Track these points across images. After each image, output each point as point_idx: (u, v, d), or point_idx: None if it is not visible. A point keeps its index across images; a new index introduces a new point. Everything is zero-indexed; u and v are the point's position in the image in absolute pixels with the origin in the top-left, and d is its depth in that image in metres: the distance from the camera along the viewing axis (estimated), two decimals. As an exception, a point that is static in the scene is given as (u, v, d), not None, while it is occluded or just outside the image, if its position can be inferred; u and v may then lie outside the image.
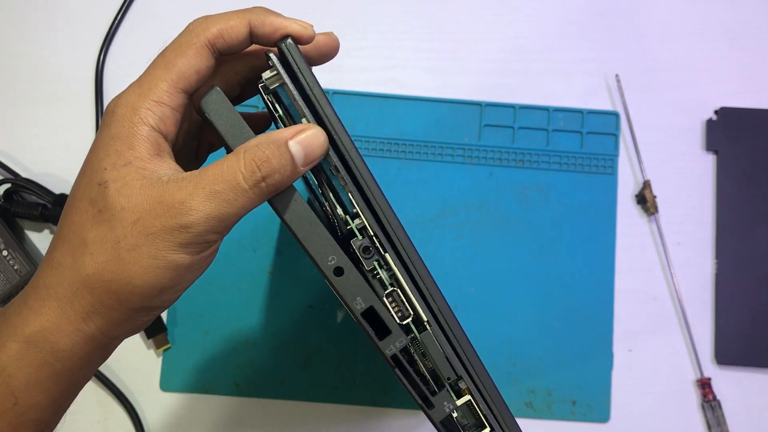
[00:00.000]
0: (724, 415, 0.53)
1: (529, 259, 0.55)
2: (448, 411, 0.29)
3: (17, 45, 0.58)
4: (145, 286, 0.26)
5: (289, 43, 0.28)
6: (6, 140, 0.56)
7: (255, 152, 0.27)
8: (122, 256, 0.26)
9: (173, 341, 0.53)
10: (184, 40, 0.28)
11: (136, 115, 0.27)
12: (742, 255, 0.55)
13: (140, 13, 0.59)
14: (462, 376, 0.30)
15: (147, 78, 0.28)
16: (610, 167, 0.56)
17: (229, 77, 0.31)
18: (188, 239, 0.26)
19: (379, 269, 0.29)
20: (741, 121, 0.57)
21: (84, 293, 0.26)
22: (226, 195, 0.26)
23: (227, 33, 0.28)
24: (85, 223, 0.27)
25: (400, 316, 0.29)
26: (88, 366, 0.28)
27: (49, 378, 0.27)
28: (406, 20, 0.59)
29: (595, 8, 0.60)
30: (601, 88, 0.58)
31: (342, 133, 0.29)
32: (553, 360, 0.54)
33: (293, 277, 0.54)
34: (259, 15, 0.28)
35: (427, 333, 0.29)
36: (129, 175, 0.26)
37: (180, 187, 0.26)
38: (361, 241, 0.29)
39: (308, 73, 0.28)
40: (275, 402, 0.53)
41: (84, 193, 0.27)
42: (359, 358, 0.54)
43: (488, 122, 0.57)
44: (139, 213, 0.26)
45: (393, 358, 0.28)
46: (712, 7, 0.60)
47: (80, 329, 0.26)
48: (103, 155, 0.27)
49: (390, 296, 0.29)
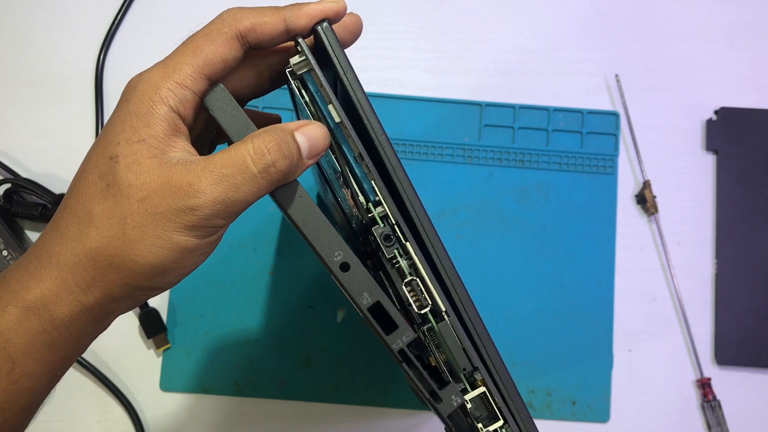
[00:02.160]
0: (724, 415, 0.53)
1: (529, 259, 0.55)
2: (456, 405, 0.29)
3: (17, 45, 0.58)
4: (147, 264, 0.26)
5: (325, 26, 0.28)
6: (6, 140, 0.56)
7: (264, 137, 0.27)
8: (128, 233, 0.26)
9: (173, 341, 0.53)
10: (215, 28, 0.28)
11: (156, 93, 0.27)
12: (742, 255, 0.55)
13: (140, 13, 0.59)
14: (478, 367, 0.29)
15: (173, 59, 0.28)
16: (610, 167, 0.56)
17: (261, 70, 0.31)
18: (194, 222, 0.26)
19: (399, 258, 0.29)
20: (741, 121, 0.57)
21: (86, 265, 0.26)
22: (234, 179, 0.26)
23: (260, 28, 0.28)
24: (92, 195, 0.27)
25: (418, 305, 0.29)
26: (83, 337, 0.28)
27: (46, 346, 0.27)
28: (406, 20, 0.59)
29: (595, 8, 0.60)
30: (601, 88, 0.58)
31: (373, 118, 0.29)
32: (553, 360, 0.54)
33: (293, 277, 0.54)
34: (293, 10, 0.29)
35: (444, 323, 0.29)
36: (140, 152, 0.26)
37: (188, 170, 0.26)
38: (382, 228, 0.29)
39: (342, 56, 0.28)
40: (275, 402, 0.53)
41: (94, 165, 0.27)
42: (359, 358, 0.54)
43: (488, 122, 0.57)
44: (147, 192, 0.26)
45: (400, 352, 0.28)
46: (712, 7, 0.60)
47: (79, 300, 0.27)
48: (118, 129, 0.27)
49: (409, 285, 0.29)
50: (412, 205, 0.29)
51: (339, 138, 0.29)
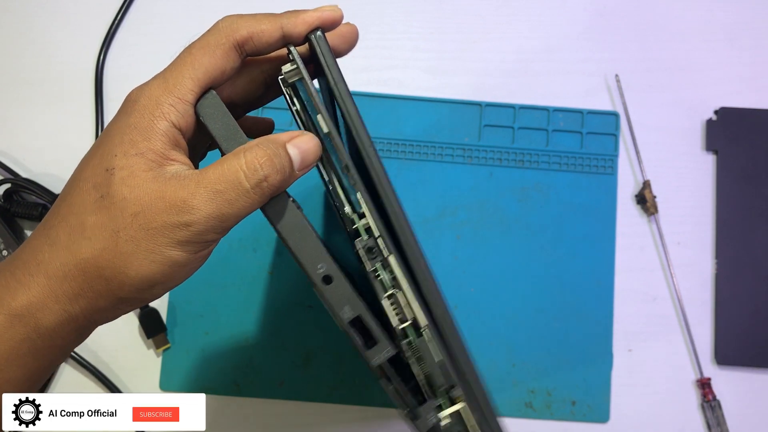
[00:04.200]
0: (723, 415, 0.53)
1: (529, 259, 0.55)
2: (432, 423, 0.29)
3: (17, 45, 0.58)
4: (137, 277, 0.26)
5: (318, 35, 0.28)
6: (6, 140, 0.56)
7: (256, 152, 0.27)
8: (120, 246, 0.26)
9: (173, 341, 0.53)
10: (212, 40, 0.28)
11: (158, 108, 0.27)
12: (742, 255, 0.55)
13: (140, 13, 0.59)
14: (455, 384, 0.29)
15: (172, 73, 0.28)
16: (610, 167, 0.56)
17: (255, 76, 0.31)
18: (187, 237, 0.26)
19: (381, 271, 0.29)
20: (741, 121, 0.57)
21: (75, 275, 0.26)
22: (228, 195, 0.26)
23: (257, 36, 0.28)
24: (86, 206, 0.27)
25: (400, 318, 0.29)
26: (66, 346, 0.28)
27: (29, 353, 0.27)
28: (406, 20, 0.59)
29: (595, 8, 0.60)
30: (601, 88, 0.58)
31: (361, 129, 0.29)
32: (553, 360, 0.54)
33: (293, 277, 0.54)
34: (290, 18, 0.29)
35: (422, 339, 0.29)
36: (137, 165, 0.26)
37: (182, 185, 0.26)
38: (365, 241, 0.29)
39: (334, 65, 0.28)
40: (275, 402, 0.53)
41: (90, 175, 0.27)
42: (359, 358, 0.54)
43: (488, 122, 0.57)
44: (141, 206, 0.26)
45: (379, 368, 0.28)
46: (712, 7, 0.60)
47: (66, 310, 0.26)
48: (117, 142, 0.27)
49: (391, 298, 0.29)
50: (396, 217, 0.29)
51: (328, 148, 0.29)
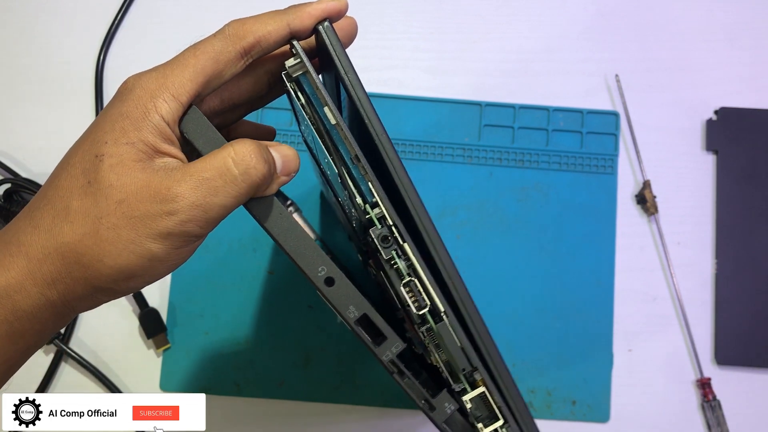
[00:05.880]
0: (724, 415, 0.53)
1: (529, 259, 0.55)
2: (449, 412, 0.29)
3: (17, 45, 0.58)
4: (115, 267, 0.26)
5: (326, 26, 0.28)
6: (6, 140, 0.56)
7: (244, 143, 0.27)
8: (101, 233, 0.26)
9: (173, 341, 0.53)
10: (219, 46, 0.28)
11: (152, 102, 0.27)
12: (742, 255, 0.55)
13: (140, 12, 0.59)
14: (477, 367, 0.29)
15: (173, 71, 0.27)
16: (610, 167, 0.56)
17: (260, 76, 0.31)
18: (169, 228, 0.26)
19: (396, 259, 0.29)
20: (741, 121, 0.57)
21: (55, 259, 0.26)
22: (215, 182, 0.26)
23: (265, 40, 0.28)
24: (72, 190, 0.26)
25: (416, 306, 0.29)
26: (44, 331, 0.28)
27: (6, 336, 0.26)
28: (406, 20, 0.59)
29: (595, 8, 0.60)
30: (601, 88, 0.58)
31: (374, 117, 0.28)
32: (553, 360, 0.54)
33: (293, 277, 0.54)
34: (296, 13, 0.28)
35: (443, 324, 0.29)
36: (126, 154, 0.26)
37: (169, 175, 0.26)
38: (380, 230, 0.29)
39: (344, 55, 0.28)
40: (275, 402, 0.53)
41: (79, 161, 0.27)
42: (359, 358, 0.54)
43: (488, 122, 0.57)
44: (126, 194, 0.26)
45: (390, 363, 0.28)
46: (712, 7, 0.60)
47: (43, 293, 0.26)
48: (108, 129, 0.27)
49: (407, 286, 0.29)
50: (413, 205, 0.29)
51: (336, 140, 0.29)
